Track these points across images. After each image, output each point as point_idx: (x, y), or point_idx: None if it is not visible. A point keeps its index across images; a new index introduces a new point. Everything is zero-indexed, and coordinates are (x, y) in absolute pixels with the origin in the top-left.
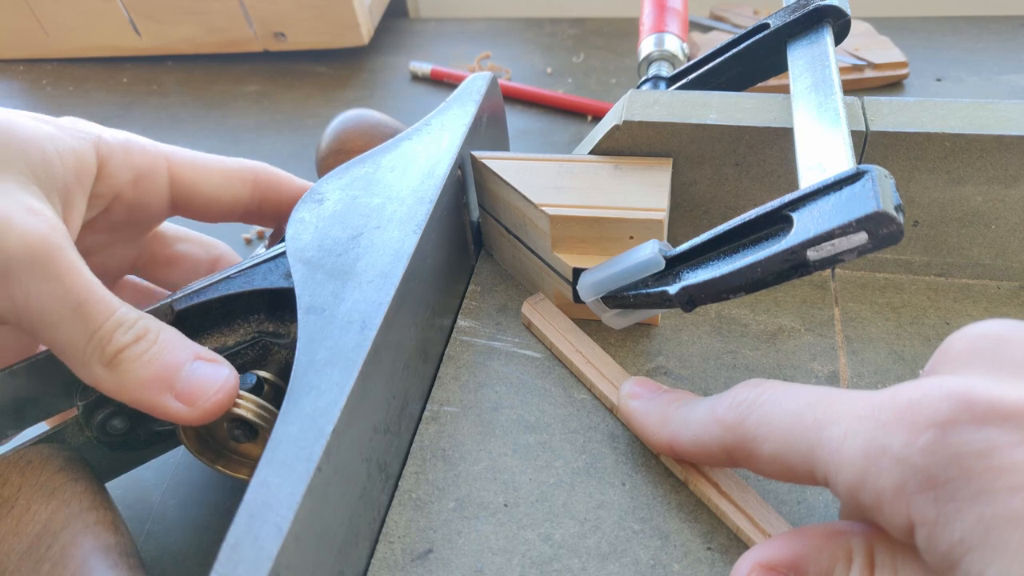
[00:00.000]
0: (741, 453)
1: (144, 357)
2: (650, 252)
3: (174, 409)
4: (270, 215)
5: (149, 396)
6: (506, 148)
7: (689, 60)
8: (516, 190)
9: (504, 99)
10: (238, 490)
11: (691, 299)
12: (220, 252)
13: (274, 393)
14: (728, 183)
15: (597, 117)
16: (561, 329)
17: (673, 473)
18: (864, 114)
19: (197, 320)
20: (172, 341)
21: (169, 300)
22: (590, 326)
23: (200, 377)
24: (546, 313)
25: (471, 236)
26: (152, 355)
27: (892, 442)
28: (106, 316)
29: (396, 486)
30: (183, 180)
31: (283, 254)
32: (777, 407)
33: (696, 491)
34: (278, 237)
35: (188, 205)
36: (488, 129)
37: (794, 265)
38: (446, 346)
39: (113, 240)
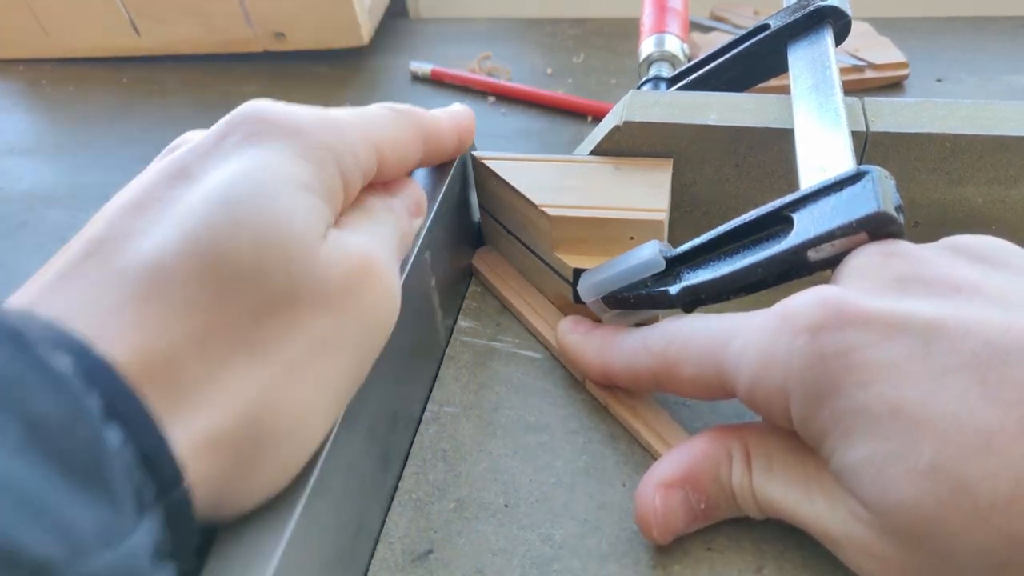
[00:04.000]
0: (666, 377)
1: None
2: (650, 253)
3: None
4: (429, 161)
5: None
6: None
7: (689, 61)
8: (516, 190)
9: (504, 99)
10: None
11: (691, 300)
12: None
13: None
14: (728, 184)
15: (597, 117)
16: (505, 276)
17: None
18: (864, 115)
19: None
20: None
21: None
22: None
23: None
24: (494, 264)
25: (471, 236)
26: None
27: (777, 347)
28: None
29: (395, 487)
30: (384, 167)
31: None
32: (695, 332)
33: (615, 414)
34: None
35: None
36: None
37: (795, 266)
38: (446, 346)
39: None
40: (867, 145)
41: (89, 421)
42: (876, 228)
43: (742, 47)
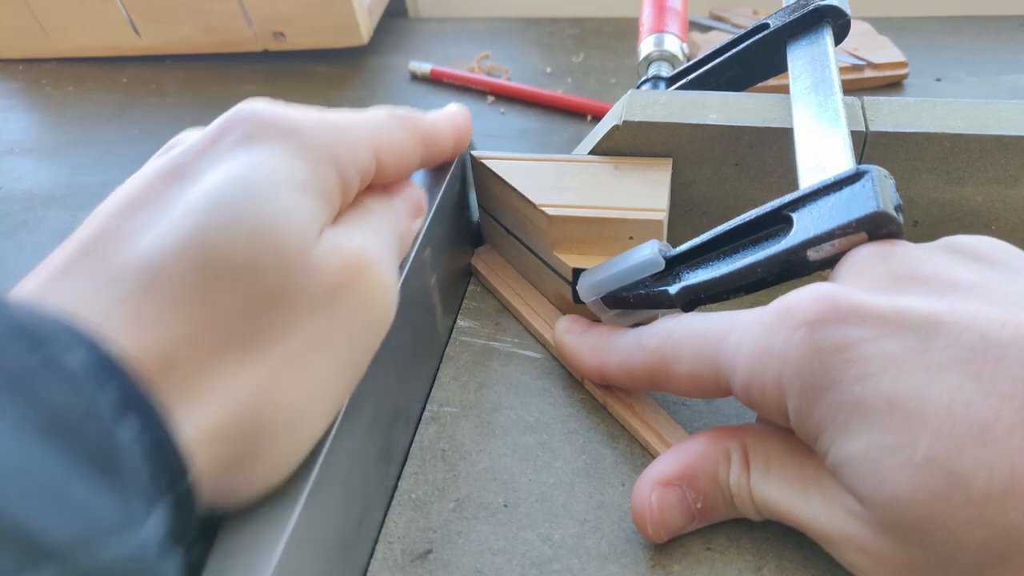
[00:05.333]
0: (661, 375)
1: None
2: (650, 252)
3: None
4: (427, 163)
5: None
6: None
7: (689, 60)
8: (516, 190)
9: (503, 98)
10: None
11: (691, 299)
12: None
13: None
14: (728, 183)
15: (597, 117)
16: (504, 276)
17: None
18: (864, 114)
19: None
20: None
21: None
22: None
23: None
24: (493, 263)
25: (471, 236)
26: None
27: (774, 341)
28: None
29: (395, 487)
30: (382, 169)
31: None
32: (691, 330)
33: (613, 412)
34: None
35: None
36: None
37: (794, 265)
38: (446, 346)
39: None
40: (866, 145)
41: (103, 415)
42: (875, 228)
43: (741, 46)
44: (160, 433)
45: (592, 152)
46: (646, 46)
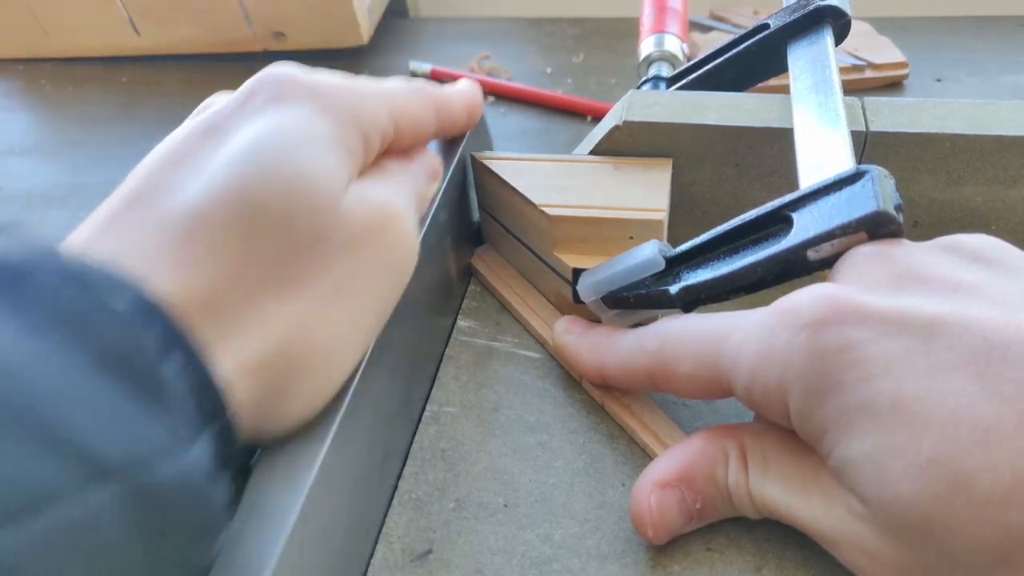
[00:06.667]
0: (662, 376)
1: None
2: (650, 252)
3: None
4: (441, 133)
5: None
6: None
7: (689, 60)
8: (516, 190)
9: (504, 99)
10: None
11: (691, 299)
12: None
13: None
14: (728, 183)
15: (597, 117)
16: (504, 276)
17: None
18: (864, 114)
19: None
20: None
21: None
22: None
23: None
24: (493, 263)
25: (471, 236)
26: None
27: (776, 343)
28: None
29: (396, 485)
30: (400, 135)
31: None
32: (691, 331)
33: (612, 413)
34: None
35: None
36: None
37: (794, 265)
38: (446, 346)
39: None
40: (867, 145)
41: (149, 351)
42: (875, 228)
43: (742, 47)
44: (200, 370)
45: (592, 152)
46: (646, 46)
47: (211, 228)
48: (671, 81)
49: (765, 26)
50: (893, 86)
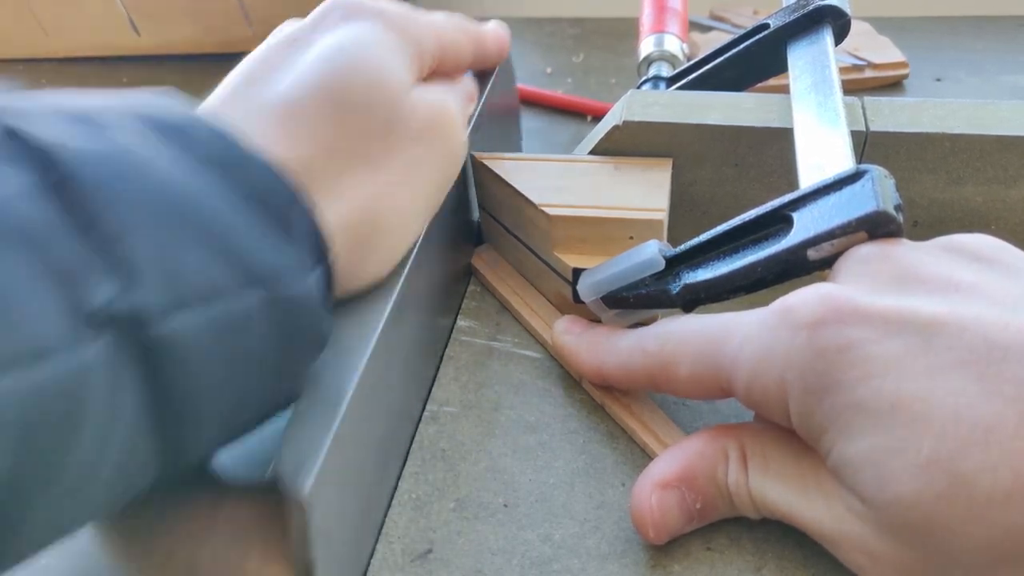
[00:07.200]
0: (662, 376)
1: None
2: (650, 252)
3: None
4: (477, 64)
5: None
6: (518, 145)
7: (689, 60)
8: (516, 190)
9: None
10: None
11: (691, 299)
12: None
13: None
14: (728, 183)
15: (597, 117)
16: (504, 276)
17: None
18: (864, 114)
19: None
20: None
21: None
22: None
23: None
24: (493, 263)
25: (470, 236)
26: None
27: (776, 343)
28: None
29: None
30: (443, 60)
31: None
32: (691, 331)
33: (611, 413)
34: None
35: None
36: (492, 127)
37: (794, 265)
38: (446, 346)
39: None
40: (866, 144)
41: (280, 196)
42: (875, 227)
43: (741, 47)
44: (312, 219)
45: (592, 152)
46: (646, 46)
47: (307, 112)
48: (671, 81)
49: (765, 26)
50: (893, 86)
